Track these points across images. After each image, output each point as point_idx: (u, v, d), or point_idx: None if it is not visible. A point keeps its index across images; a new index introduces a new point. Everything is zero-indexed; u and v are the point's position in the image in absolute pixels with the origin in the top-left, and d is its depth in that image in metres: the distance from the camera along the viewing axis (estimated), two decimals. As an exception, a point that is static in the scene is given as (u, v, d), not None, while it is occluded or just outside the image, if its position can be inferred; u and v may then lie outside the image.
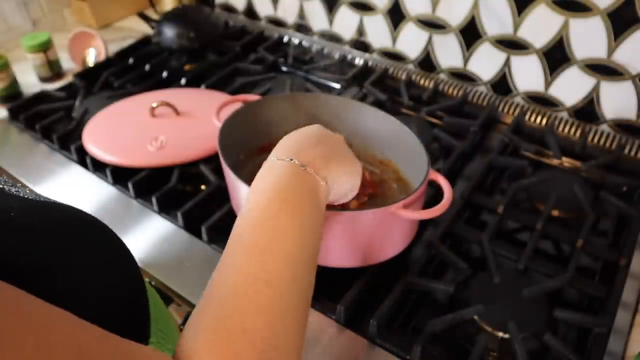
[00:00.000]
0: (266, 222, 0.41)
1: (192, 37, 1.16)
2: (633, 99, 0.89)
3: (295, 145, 0.49)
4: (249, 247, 0.39)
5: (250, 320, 0.34)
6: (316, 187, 0.46)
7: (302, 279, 0.39)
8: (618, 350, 0.60)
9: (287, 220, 0.41)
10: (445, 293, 0.66)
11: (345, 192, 0.52)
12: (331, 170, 0.48)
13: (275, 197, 0.43)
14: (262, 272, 0.37)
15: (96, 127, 0.91)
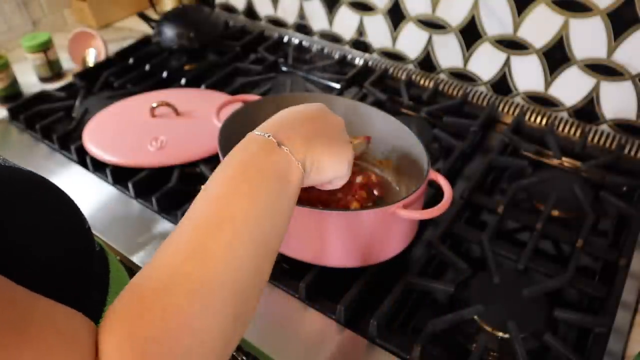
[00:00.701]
0: (220, 200, 0.38)
1: (192, 37, 1.16)
2: (633, 99, 0.89)
3: (281, 121, 0.46)
4: (196, 223, 0.37)
5: (174, 302, 0.32)
6: (288, 167, 0.42)
7: (247, 264, 0.36)
8: (618, 350, 0.60)
9: (242, 200, 0.38)
10: (445, 293, 0.66)
11: (329, 178, 0.48)
12: (313, 152, 0.45)
13: (238, 174, 0.40)
14: (202, 252, 0.35)
15: (96, 127, 0.91)
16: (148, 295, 0.32)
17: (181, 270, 0.34)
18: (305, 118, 0.48)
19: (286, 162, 0.42)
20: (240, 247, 0.36)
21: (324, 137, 0.47)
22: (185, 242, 0.36)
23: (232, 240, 0.36)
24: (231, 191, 0.39)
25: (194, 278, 0.33)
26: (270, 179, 0.41)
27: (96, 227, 0.78)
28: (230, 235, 0.36)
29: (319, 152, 0.46)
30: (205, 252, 0.35)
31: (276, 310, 0.65)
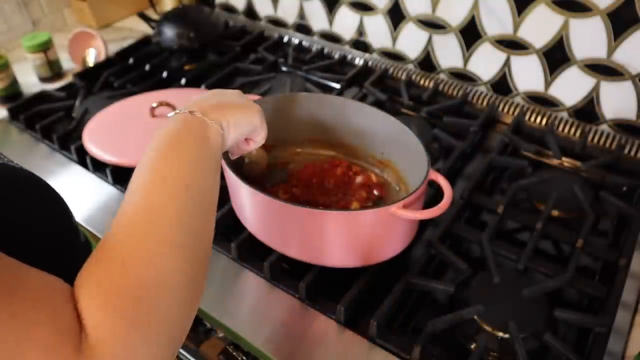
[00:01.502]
0: (147, 165, 0.44)
1: (192, 37, 1.16)
2: (633, 99, 0.89)
3: (194, 101, 0.53)
4: (138, 186, 0.42)
5: (132, 247, 0.37)
6: (205, 128, 0.49)
7: (187, 205, 0.42)
8: (618, 350, 0.60)
9: (171, 160, 0.44)
10: (445, 293, 0.66)
11: (247, 130, 0.56)
12: (225, 112, 0.52)
13: (159, 142, 0.46)
14: (146, 203, 0.40)
15: (96, 127, 0.91)
16: (108, 249, 0.37)
17: (133, 221, 0.39)
18: (214, 95, 0.55)
19: (201, 124, 0.49)
20: (177, 195, 0.42)
21: (229, 102, 0.55)
22: (131, 203, 0.41)
23: (170, 191, 0.42)
24: (155, 157, 0.44)
25: (143, 223, 0.39)
26: (190, 139, 0.47)
27: (96, 227, 0.78)
28: (168, 187, 0.42)
29: (229, 111, 0.53)
30: (148, 203, 0.40)
31: (276, 310, 0.65)
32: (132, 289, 0.35)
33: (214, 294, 0.67)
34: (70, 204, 0.53)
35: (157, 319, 0.35)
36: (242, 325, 0.64)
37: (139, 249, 0.37)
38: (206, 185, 0.46)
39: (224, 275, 0.70)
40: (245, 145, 0.60)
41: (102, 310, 0.33)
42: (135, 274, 0.35)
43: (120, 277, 0.35)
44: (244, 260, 0.71)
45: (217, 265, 0.71)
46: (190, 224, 0.41)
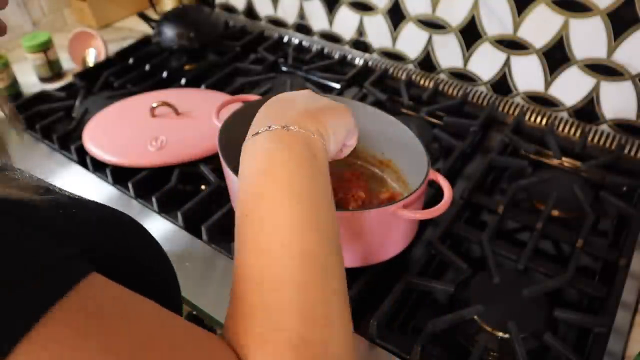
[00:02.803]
0: (259, 211, 0.36)
1: (192, 37, 1.16)
2: (633, 99, 0.89)
3: (271, 114, 0.44)
4: (251, 244, 0.36)
5: (297, 334, 0.32)
6: (308, 143, 0.40)
7: (333, 268, 0.36)
8: (618, 350, 0.60)
9: (282, 198, 0.36)
10: (445, 293, 0.66)
11: (344, 135, 0.47)
12: (320, 120, 0.43)
13: (261, 176, 0.38)
14: (276, 267, 0.34)
15: (96, 127, 0.91)
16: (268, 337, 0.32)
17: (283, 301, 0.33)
18: (289, 100, 0.47)
19: (304, 138, 0.40)
20: (318, 254, 0.35)
21: (320, 106, 0.45)
22: (251, 266, 0.35)
23: (294, 242, 0.35)
24: (265, 196, 0.37)
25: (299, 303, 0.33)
26: (298, 162, 0.38)
27: (96, 227, 0.78)
28: (292, 242, 0.35)
29: (325, 118, 0.44)
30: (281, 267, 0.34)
31: (276, 310, 0.65)
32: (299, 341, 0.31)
33: (214, 294, 0.67)
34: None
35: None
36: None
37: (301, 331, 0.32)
38: (330, 214, 0.38)
39: (224, 275, 0.70)
40: (340, 153, 0.51)
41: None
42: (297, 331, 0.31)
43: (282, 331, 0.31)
44: (244, 260, 0.71)
45: (217, 265, 0.71)
46: (334, 284, 0.36)
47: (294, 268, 0.34)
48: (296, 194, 0.37)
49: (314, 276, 0.34)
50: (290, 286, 0.33)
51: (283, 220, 0.35)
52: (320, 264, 0.35)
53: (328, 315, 0.33)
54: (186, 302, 0.68)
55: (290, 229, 0.35)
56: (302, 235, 0.35)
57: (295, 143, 0.40)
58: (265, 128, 0.41)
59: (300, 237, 0.35)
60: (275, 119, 0.42)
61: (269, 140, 0.40)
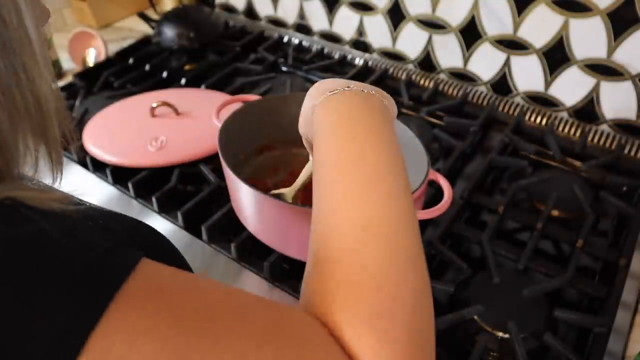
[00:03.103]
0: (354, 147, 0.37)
1: (192, 37, 1.16)
2: (633, 99, 0.89)
3: (329, 86, 0.44)
4: (349, 195, 0.35)
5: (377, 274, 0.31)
6: (383, 105, 0.42)
7: (410, 212, 0.36)
8: (618, 350, 0.60)
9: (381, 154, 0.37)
10: (445, 293, 0.66)
11: (393, 107, 0.48)
12: (372, 89, 0.45)
13: (354, 125, 0.39)
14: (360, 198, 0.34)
15: (96, 127, 0.91)
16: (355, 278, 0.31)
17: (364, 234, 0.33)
18: (335, 80, 0.48)
19: (378, 100, 0.42)
20: (396, 193, 0.36)
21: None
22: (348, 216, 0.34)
23: (388, 193, 0.35)
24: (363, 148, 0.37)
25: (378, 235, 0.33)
26: (382, 120, 0.41)
27: (96, 227, 0.78)
28: (384, 191, 0.35)
29: (379, 91, 0.46)
30: (362, 198, 0.34)
31: (276, 310, 0.65)
32: (392, 310, 0.30)
33: (214, 294, 0.67)
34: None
35: (421, 336, 0.31)
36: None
37: (384, 267, 0.31)
38: (405, 175, 0.39)
39: (224, 275, 0.70)
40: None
41: (373, 337, 0.29)
42: (390, 294, 0.31)
43: (378, 301, 0.30)
44: (244, 260, 0.71)
45: (217, 265, 0.71)
46: (412, 224, 0.35)
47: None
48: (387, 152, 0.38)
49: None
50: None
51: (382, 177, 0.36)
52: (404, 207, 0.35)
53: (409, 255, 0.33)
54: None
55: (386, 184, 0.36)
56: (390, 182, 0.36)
57: (375, 103, 0.41)
58: (342, 88, 0.41)
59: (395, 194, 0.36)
60: (350, 86, 0.42)
61: (350, 99, 0.41)
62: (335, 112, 0.40)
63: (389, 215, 0.34)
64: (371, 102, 0.41)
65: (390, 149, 0.38)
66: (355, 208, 0.34)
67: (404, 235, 0.34)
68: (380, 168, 0.36)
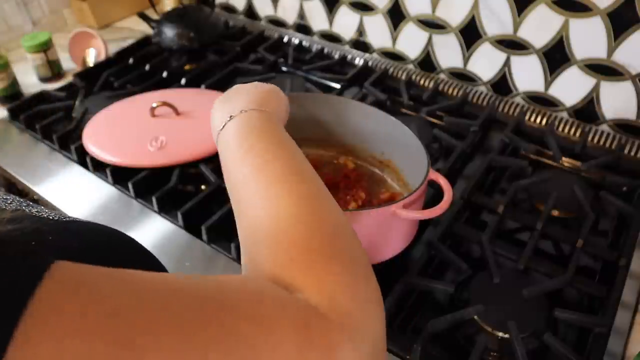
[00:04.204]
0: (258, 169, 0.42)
1: (192, 37, 1.16)
2: (633, 99, 0.89)
3: (226, 108, 0.51)
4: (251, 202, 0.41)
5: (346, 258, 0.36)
6: (268, 117, 0.48)
7: (325, 199, 0.40)
8: (618, 350, 0.60)
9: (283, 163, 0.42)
10: (445, 293, 0.66)
11: (284, 110, 0.57)
12: (264, 101, 0.51)
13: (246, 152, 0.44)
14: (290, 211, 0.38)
15: (96, 127, 0.91)
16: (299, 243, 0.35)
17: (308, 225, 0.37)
18: (234, 92, 0.55)
19: (264, 116, 0.48)
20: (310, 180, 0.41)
21: (257, 90, 0.55)
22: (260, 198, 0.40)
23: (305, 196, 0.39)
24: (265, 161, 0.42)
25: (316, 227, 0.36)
26: (275, 129, 0.47)
27: (96, 227, 0.78)
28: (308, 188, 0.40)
29: (266, 99, 0.53)
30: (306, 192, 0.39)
31: (276, 310, 0.65)
32: (333, 251, 0.35)
33: (214, 294, 0.67)
34: (71, 204, 0.50)
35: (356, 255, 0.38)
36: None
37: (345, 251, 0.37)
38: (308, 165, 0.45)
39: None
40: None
41: (320, 277, 0.32)
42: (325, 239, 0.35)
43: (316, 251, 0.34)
44: (244, 260, 0.71)
45: (217, 265, 0.71)
46: (331, 205, 0.40)
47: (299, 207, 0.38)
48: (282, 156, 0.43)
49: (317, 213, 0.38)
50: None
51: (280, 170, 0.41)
52: (318, 204, 0.39)
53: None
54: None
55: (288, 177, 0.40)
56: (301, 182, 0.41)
57: (262, 120, 0.47)
58: (227, 119, 0.48)
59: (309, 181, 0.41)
60: (230, 112, 0.49)
61: (239, 124, 0.47)
62: (234, 138, 0.46)
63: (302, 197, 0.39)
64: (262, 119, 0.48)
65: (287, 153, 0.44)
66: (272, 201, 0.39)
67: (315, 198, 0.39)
68: (285, 171, 0.41)
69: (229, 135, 0.47)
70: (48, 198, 0.83)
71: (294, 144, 0.46)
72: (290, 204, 0.37)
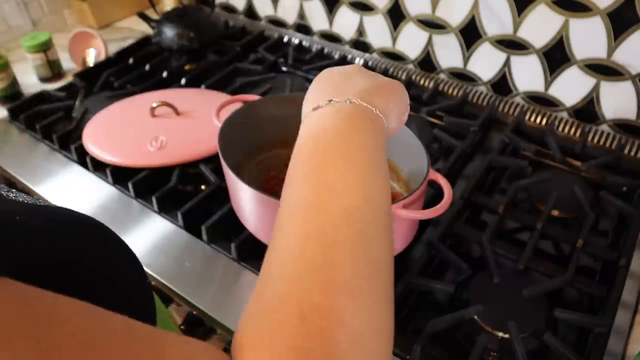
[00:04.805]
0: (305, 180, 0.33)
1: (192, 37, 1.16)
2: (633, 99, 0.89)
3: (329, 88, 0.42)
4: (296, 208, 0.32)
5: (306, 299, 0.27)
6: (373, 121, 0.38)
7: (371, 238, 0.31)
8: (618, 350, 0.60)
9: (339, 169, 0.34)
10: (445, 293, 0.66)
11: (403, 114, 0.45)
12: (386, 97, 0.41)
13: (320, 146, 0.35)
14: (317, 233, 0.30)
15: (96, 127, 0.91)
16: (274, 305, 0.27)
17: (301, 261, 0.28)
18: (344, 75, 0.45)
19: (369, 117, 0.39)
20: (358, 215, 0.31)
21: (373, 81, 0.44)
22: (293, 234, 0.30)
23: (347, 213, 0.31)
24: (320, 164, 0.34)
25: (320, 264, 0.28)
26: (361, 138, 0.36)
27: (96, 227, 0.78)
28: (342, 208, 0.31)
29: (389, 95, 0.42)
30: (322, 232, 0.30)
31: (276, 310, 0.65)
32: (320, 351, 0.25)
33: (214, 294, 0.67)
34: (70, 204, 0.49)
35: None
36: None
37: (314, 298, 0.27)
38: (382, 193, 0.34)
39: (224, 275, 0.70)
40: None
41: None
42: (320, 333, 0.26)
43: (302, 338, 0.26)
44: (243, 260, 0.71)
45: (217, 265, 0.71)
46: (370, 253, 0.30)
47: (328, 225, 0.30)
48: (353, 171, 0.34)
49: (344, 237, 0.30)
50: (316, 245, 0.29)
51: (338, 195, 0.33)
52: (359, 229, 0.31)
53: (351, 283, 0.28)
54: (186, 302, 0.68)
55: (344, 204, 0.32)
56: (348, 196, 0.32)
57: (359, 120, 0.38)
58: (334, 100, 0.39)
59: (347, 198, 0.32)
60: (343, 91, 0.40)
61: (333, 114, 0.38)
62: (305, 133, 0.38)
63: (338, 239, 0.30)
64: (354, 121, 0.38)
65: (363, 176, 0.34)
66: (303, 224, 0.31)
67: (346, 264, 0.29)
68: (344, 195, 0.32)
69: (313, 122, 0.38)
70: (48, 198, 0.84)
71: (378, 168, 0.36)
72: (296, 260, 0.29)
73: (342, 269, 0.28)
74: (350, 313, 0.27)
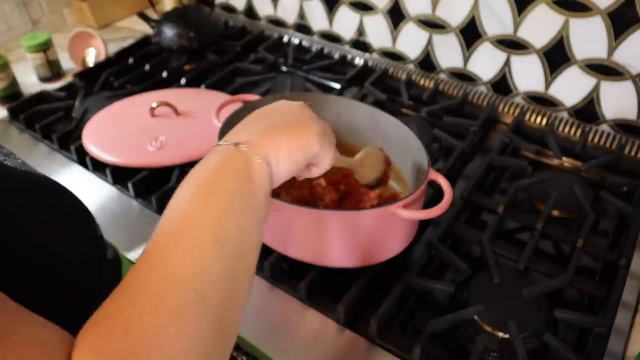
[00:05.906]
0: (179, 211, 0.37)
1: (192, 37, 1.16)
2: (633, 99, 0.89)
3: (240, 126, 0.46)
4: (158, 239, 0.36)
5: (136, 314, 0.30)
6: (248, 165, 0.41)
7: (215, 266, 0.35)
8: (618, 350, 0.60)
9: (198, 206, 0.37)
10: (445, 293, 0.66)
11: (304, 160, 0.46)
12: (275, 143, 0.44)
13: (192, 183, 0.39)
14: (161, 262, 0.33)
15: (96, 127, 0.91)
16: (114, 310, 0.31)
17: (143, 282, 0.32)
18: (262, 115, 0.49)
19: (245, 161, 0.41)
20: (202, 251, 0.35)
21: (284, 124, 0.46)
22: (146, 260, 0.34)
23: (192, 246, 0.35)
24: (187, 201, 0.38)
25: (155, 289, 0.32)
26: (227, 181, 0.40)
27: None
28: (189, 242, 0.35)
29: (281, 140, 0.44)
30: (164, 261, 0.33)
31: (276, 310, 0.65)
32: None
33: (214, 294, 0.67)
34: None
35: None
36: (242, 325, 0.63)
37: (144, 318, 0.30)
38: (242, 236, 0.38)
39: (224, 275, 0.70)
40: (306, 171, 0.51)
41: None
42: (139, 350, 0.29)
43: (122, 347, 0.29)
44: (244, 260, 0.71)
45: (217, 265, 0.71)
46: (215, 288, 0.34)
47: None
48: (213, 212, 0.37)
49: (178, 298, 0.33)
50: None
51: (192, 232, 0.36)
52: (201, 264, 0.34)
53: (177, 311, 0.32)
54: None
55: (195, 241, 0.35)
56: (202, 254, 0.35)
57: (233, 163, 0.41)
58: (225, 142, 0.43)
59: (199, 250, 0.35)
60: (240, 133, 0.44)
61: (215, 154, 0.42)
62: (194, 170, 0.41)
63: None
64: (232, 164, 0.41)
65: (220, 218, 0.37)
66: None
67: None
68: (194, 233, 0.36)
69: (207, 155, 0.42)
70: (48, 198, 0.84)
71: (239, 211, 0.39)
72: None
73: (172, 298, 0.32)
74: (166, 331, 0.30)
